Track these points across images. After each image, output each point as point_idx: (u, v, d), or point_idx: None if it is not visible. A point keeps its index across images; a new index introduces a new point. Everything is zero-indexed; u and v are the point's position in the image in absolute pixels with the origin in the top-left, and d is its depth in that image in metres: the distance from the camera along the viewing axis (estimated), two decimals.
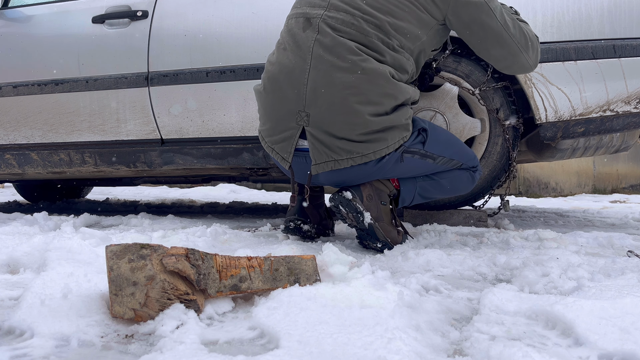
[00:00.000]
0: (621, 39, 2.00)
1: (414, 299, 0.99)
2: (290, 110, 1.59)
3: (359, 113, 1.52)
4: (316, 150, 1.58)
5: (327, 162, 1.58)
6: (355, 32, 1.54)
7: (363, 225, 1.63)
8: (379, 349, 0.77)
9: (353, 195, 1.63)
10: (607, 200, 5.24)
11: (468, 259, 1.48)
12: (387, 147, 1.56)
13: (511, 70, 1.75)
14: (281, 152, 1.65)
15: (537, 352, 0.76)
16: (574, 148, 2.30)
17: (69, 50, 2.48)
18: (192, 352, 0.77)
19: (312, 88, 1.54)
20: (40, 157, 2.60)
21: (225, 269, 1.00)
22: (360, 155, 1.55)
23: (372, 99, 1.52)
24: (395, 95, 1.54)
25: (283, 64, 1.61)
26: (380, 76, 1.52)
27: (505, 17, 1.64)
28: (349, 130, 1.53)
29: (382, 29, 1.55)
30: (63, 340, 0.83)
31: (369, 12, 1.55)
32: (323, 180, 1.67)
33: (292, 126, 1.60)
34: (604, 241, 1.84)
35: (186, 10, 2.35)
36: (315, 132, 1.56)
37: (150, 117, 2.41)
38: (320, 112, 1.54)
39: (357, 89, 1.51)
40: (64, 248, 1.33)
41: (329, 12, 1.57)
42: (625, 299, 0.92)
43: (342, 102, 1.52)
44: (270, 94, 1.64)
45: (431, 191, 1.75)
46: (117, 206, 3.63)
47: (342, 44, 1.53)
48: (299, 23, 1.61)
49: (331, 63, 1.52)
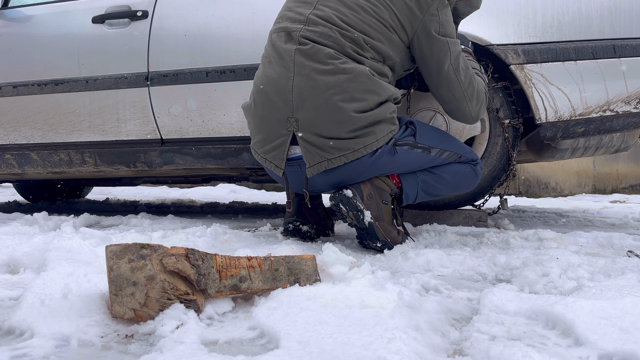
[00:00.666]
0: (621, 39, 2.00)
1: (414, 299, 0.99)
2: (280, 118, 1.62)
3: (344, 110, 1.55)
4: (309, 153, 1.60)
5: (320, 163, 1.59)
6: (333, 43, 1.60)
7: (363, 224, 1.63)
8: (379, 349, 0.77)
9: (353, 193, 1.63)
10: (607, 200, 5.24)
11: (468, 259, 1.48)
12: (377, 140, 1.58)
13: (454, 115, 1.79)
14: (274, 160, 1.66)
15: (537, 352, 0.76)
16: (574, 148, 2.30)
17: (69, 50, 2.48)
18: (192, 352, 0.77)
19: (298, 93, 1.58)
20: (40, 157, 2.60)
21: (225, 269, 1.00)
22: (352, 151, 1.57)
23: (355, 95, 1.55)
24: (378, 92, 1.58)
25: (269, 76, 1.65)
26: (360, 74, 1.56)
27: (459, 63, 1.68)
28: (337, 129, 1.56)
29: (357, 43, 1.60)
30: (63, 340, 0.83)
31: (344, 27, 1.61)
32: (321, 184, 1.68)
33: (283, 133, 1.62)
34: (604, 241, 1.84)
35: (186, 11, 2.35)
36: (306, 135, 1.59)
37: (150, 117, 2.41)
38: (308, 116, 1.57)
39: (339, 87, 1.55)
40: (64, 248, 1.33)
41: (308, 27, 1.63)
42: (625, 299, 0.92)
43: (327, 103, 1.55)
44: (259, 107, 1.67)
45: (435, 186, 1.75)
46: (117, 206, 3.63)
47: (321, 50, 1.58)
48: (281, 37, 1.67)
49: (313, 68, 1.57)
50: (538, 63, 2.01)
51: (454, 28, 1.72)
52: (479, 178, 1.80)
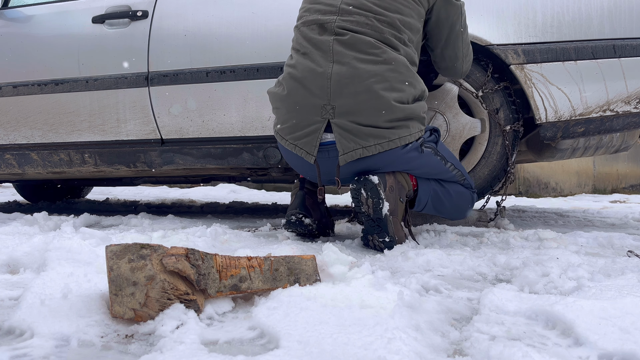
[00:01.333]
0: (621, 39, 2.00)
1: (414, 299, 0.99)
2: (315, 105, 1.63)
3: (384, 99, 1.58)
4: (344, 140, 1.61)
5: (355, 150, 1.61)
6: (371, 30, 1.63)
7: (380, 214, 1.62)
8: (379, 349, 0.77)
9: (379, 180, 1.63)
10: (607, 200, 5.24)
11: (468, 259, 1.48)
12: (411, 134, 1.63)
13: (446, 72, 1.93)
14: (305, 147, 1.66)
15: (537, 352, 0.76)
16: (574, 148, 2.30)
17: (69, 50, 2.48)
18: (192, 352, 0.77)
19: (337, 81, 1.60)
20: (40, 157, 2.60)
21: (225, 269, 1.00)
22: (387, 140, 1.60)
23: (396, 85, 1.60)
24: (414, 84, 1.64)
25: (304, 64, 1.66)
26: (400, 64, 1.62)
27: (466, 24, 1.83)
28: (375, 117, 1.59)
29: (394, 25, 1.65)
30: (63, 340, 0.83)
31: (379, 12, 1.64)
32: (347, 173, 1.69)
33: (317, 120, 1.63)
34: (604, 241, 1.84)
35: (186, 11, 2.35)
36: (342, 122, 1.61)
37: (150, 117, 2.41)
38: (346, 103, 1.60)
39: (381, 76, 1.59)
40: (64, 248, 1.33)
41: (342, 17, 1.65)
42: (625, 299, 0.92)
43: (368, 90, 1.58)
44: (293, 93, 1.67)
45: (442, 201, 1.80)
46: (117, 206, 3.63)
47: (361, 40, 1.61)
48: (313, 30, 1.68)
49: (353, 56, 1.61)
50: (538, 63, 2.01)
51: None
52: (472, 207, 1.90)
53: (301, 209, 1.82)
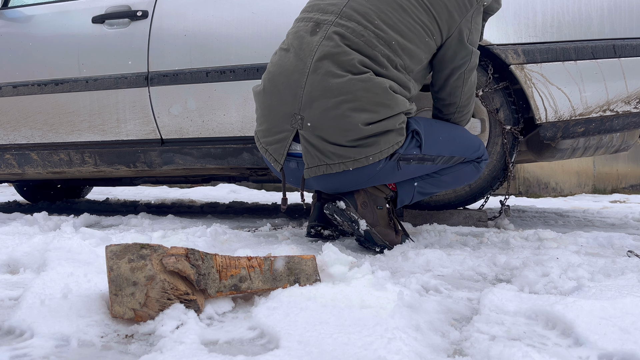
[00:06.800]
0: (621, 39, 2.00)
1: (414, 299, 0.99)
2: (286, 112, 1.57)
3: (351, 118, 1.48)
4: (309, 154, 1.55)
5: (319, 166, 1.54)
6: (363, 43, 1.52)
7: (359, 232, 1.63)
8: (379, 349, 0.77)
9: (346, 204, 1.61)
10: (607, 200, 5.23)
11: (468, 259, 1.48)
12: (380, 152, 1.52)
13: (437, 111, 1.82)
14: (274, 153, 1.62)
15: (537, 352, 0.76)
16: (574, 148, 2.30)
17: (69, 50, 2.48)
18: (192, 352, 0.77)
19: (309, 92, 1.52)
20: (40, 157, 2.60)
21: (225, 269, 1.00)
22: (352, 160, 1.52)
23: (367, 107, 1.49)
24: (391, 106, 1.51)
25: (284, 65, 1.60)
26: (377, 86, 1.49)
27: (470, 76, 1.72)
28: (339, 136, 1.50)
29: (389, 45, 1.54)
30: (63, 340, 0.83)
31: (380, 27, 1.54)
32: (317, 186, 1.64)
33: (287, 128, 1.57)
34: (604, 241, 1.84)
35: (186, 10, 2.35)
36: (308, 135, 1.53)
37: (150, 117, 2.41)
38: (314, 116, 1.51)
39: (352, 95, 1.48)
40: (64, 248, 1.33)
41: (341, 20, 1.56)
42: (625, 299, 0.92)
43: (335, 108, 1.49)
44: (268, 95, 1.62)
45: (432, 188, 1.75)
46: (117, 206, 3.63)
47: (346, 52, 1.51)
48: (308, 27, 1.60)
49: (329, 69, 1.51)
50: (538, 63, 2.01)
51: (479, 37, 1.71)
52: (480, 173, 1.80)
53: (319, 220, 1.79)
